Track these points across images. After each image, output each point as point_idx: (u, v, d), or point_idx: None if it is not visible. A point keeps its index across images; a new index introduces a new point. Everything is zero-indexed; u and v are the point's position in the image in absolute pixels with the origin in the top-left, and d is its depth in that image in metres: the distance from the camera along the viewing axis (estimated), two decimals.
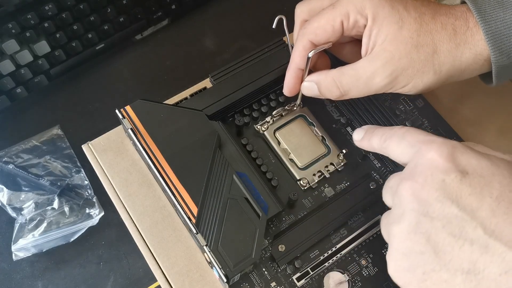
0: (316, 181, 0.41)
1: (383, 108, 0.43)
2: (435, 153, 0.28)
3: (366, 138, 0.35)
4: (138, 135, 0.39)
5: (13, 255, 0.51)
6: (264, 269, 0.38)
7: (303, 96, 0.41)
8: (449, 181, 0.27)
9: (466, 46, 0.35)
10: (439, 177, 0.27)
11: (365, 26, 0.35)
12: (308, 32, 0.36)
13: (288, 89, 0.40)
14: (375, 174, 0.42)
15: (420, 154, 0.29)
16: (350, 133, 0.43)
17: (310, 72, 0.38)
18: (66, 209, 0.53)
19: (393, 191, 0.31)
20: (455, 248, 0.26)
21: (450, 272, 0.27)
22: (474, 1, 0.35)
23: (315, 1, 0.38)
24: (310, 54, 0.36)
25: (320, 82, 0.37)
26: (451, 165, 0.27)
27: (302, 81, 0.39)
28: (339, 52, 0.41)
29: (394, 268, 0.29)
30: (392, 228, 0.29)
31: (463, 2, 0.37)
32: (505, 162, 0.29)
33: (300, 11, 0.39)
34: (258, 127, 0.42)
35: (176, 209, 0.38)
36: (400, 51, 0.35)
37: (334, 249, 0.38)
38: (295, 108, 0.43)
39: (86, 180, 0.54)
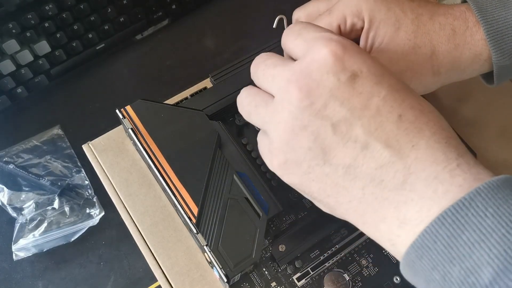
0: None
1: None
2: (329, 52, 0.27)
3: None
4: (139, 135, 0.39)
5: (14, 255, 0.51)
6: (264, 269, 0.38)
7: None
8: (341, 82, 0.27)
9: (466, 46, 0.35)
10: (331, 77, 0.27)
11: (362, 28, 0.35)
12: None
13: None
14: None
15: (313, 52, 0.28)
16: None
17: None
18: (67, 209, 0.53)
19: (279, 82, 0.29)
20: (339, 145, 0.27)
21: (332, 167, 0.28)
22: (475, 1, 0.35)
23: (311, 6, 0.38)
24: None
25: None
26: (344, 66, 0.27)
27: None
28: None
29: (281, 160, 0.30)
30: (277, 119, 0.29)
31: (464, 2, 0.37)
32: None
33: (297, 17, 0.39)
34: None
35: (177, 209, 0.38)
36: (397, 53, 0.35)
37: (334, 249, 0.38)
38: None
39: (87, 180, 0.54)
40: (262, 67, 0.31)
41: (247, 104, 0.32)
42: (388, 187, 0.27)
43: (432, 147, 0.26)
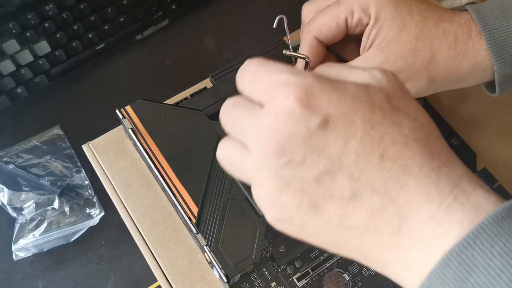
0: None
1: None
2: (291, 102, 0.25)
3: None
4: (138, 135, 0.39)
5: (14, 255, 0.51)
6: (264, 269, 0.38)
7: None
8: (313, 132, 0.25)
9: (466, 56, 0.35)
10: (301, 129, 0.25)
11: (367, 24, 0.36)
12: (313, 28, 0.36)
13: None
14: None
15: (276, 103, 0.26)
16: None
17: None
18: (67, 209, 0.53)
19: (250, 138, 0.28)
20: (326, 198, 0.26)
21: (325, 220, 0.27)
22: (476, 10, 0.35)
23: (321, 0, 0.38)
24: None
25: None
26: (312, 112, 0.25)
27: None
28: (344, 51, 0.41)
29: (273, 217, 0.28)
30: (258, 177, 0.28)
31: (465, 10, 0.37)
32: (365, 88, 0.27)
33: (307, 11, 0.39)
34: None
35: (177, 209, 0.38)
36: (396, 54, 0.34)
37: None
38: None
39: (87, 180, 0.54)
40: (231, 121, 0.29)
41: (226, 163, 0.30)
42: (384, 233, 0.25)
43: (422, 183, 0.25)
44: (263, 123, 0.27)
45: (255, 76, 0.28)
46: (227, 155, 0.30)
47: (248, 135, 0.28)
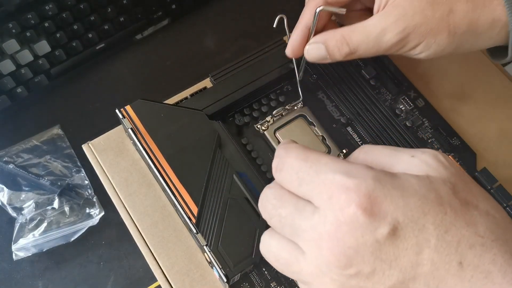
0: None
1: (383, 108, 0.43)
2: (355, 211, 0.23)
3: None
4: (138, 135, 0.39)
5: (14, 254, 0.51)
6: (264, 269, 0.38)
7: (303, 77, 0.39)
8: (381, 242, 0.23)
9: (484, 9, 0.33)
10: (369, 240, 0.23)
11: None
12: None
13: (292, 48, 0.37)
14: None
15: (335, 210, 0.24)
16: (351, 133, 0.43)
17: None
18: (66, 209, 0.53)
19: (306, 241, 0.25)
20: None
21: None
22: None
23: None
24: (319, 9, 0.34)
25: (328, 41, 0.34)
26: (378, 220, 0.23)
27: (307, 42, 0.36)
28: (349, 22, 0.39)
29: None
30: (318, 282, 0.26)
31: None
32: (428, 182, 0.25)
33: None
34: (258, 126, 0.42)
35: (176, 209, 0.38)
36: (414, 7, 0.33)
37: None
38: (299, 79, 0.41)
39: (86, 180, 0.54)
40: (277, 218, 0.27)
41: (275, 261, 0.28)
42: None
43: None
44: (322, 230, 0.24)
45: (300, 176, 0.26)
46: (276, 253, 0.28)
47: (302, 238, 0.26)
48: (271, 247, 0.28)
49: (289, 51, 0.38)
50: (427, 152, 0.26)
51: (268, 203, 0.28)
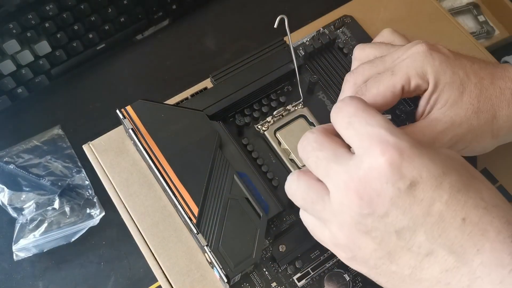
0: None
1: None
2: (386, 162, 0.27)
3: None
4: (139, 135, 0.39)
5: (14, 255, 0.51)
6: (264, 269, 0.38)
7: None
8: (401, 191, 0.27)
9: None
10: (391, 187, 0.27)
11: (425, 90, 0.35)
12: (367, 99, 0.35)
13: None
14: None
15: (369, 158, 0.28)
16: None
17: None
18: (67, 209, 0.53)
19: (335, 182, 0.29)
20: (404, 249, 0.28)
21: (398, 266, 0.29)
22: None
23: (367, 68, 0.37)
24: None
25: None
26: (402, 174, 0.27)
27: None
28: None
29: (348, 256, 0.31)
30: (338, 220, 0.29)
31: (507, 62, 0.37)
32: (452, 155, 0.29)
33: (357, 55, 0.39)
34: (259, 127, 0.42)
35: (177, 209, 0.38)
36: (460, 116, 0.34)
37: None
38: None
39: (87, 180, 0.54)
40: (313, 158, 0.31)
41: (301, 199, 0.31)
42: None
43: (497, 249, 0.26)
44: (353, 173, 0.28)
45: (351, 120, 0.30)
46: (303, 192, 0.31)
47: (333, 179, 0.29)
48: (299, 186, 0.31)
49: None
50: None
51: (309, 144, 0.31)
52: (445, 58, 0.35)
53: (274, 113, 0.42)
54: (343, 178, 0.28)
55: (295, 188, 0.32)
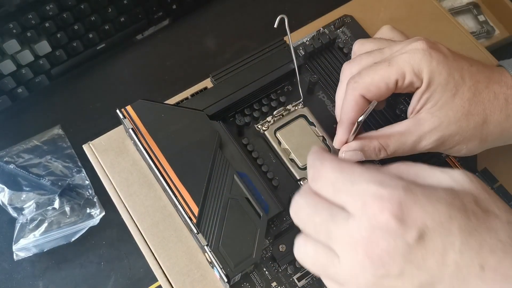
0: None
1: (384, 108, 0.43)
2: (387, 217, 0.25)
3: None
4: (139, 135, 0.39)
5: (14, 255, 0.51)
6: (265, 269, 0.38)
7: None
8: (411, 245, 0.25)
9: None
10: (400, 243, 0.26)
11: (418, 87, 0.35)
12: (361, 87, 0.35)
13: (339, 143, 0.38)
14: None
15: (369, 216, 0.26)
16: None
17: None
18: (67, 209, 0.53)
19: (340, 245, 0.27)
20: None
21: None
22: None
23: (365, 58, 0.37)
24: (360, 119, 0.34)
25: (365, 148, 0.36)
26: (409, 226, 0.25)
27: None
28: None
29: None
30: (353, 284, 0.28)
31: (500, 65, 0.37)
32: (454, 192, 0.27)
33: (348, 70, 0.38)
34: (259, 127, 0.42)
35: (177, 209, 0.38)
36: (449, 118, 0.34)
37: None
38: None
39: (87, 180, 0.54)
40: (311, 225, 0.29)
41: (312, 265, 0.30)
42: None
43: None
44: (357, 235, 0.26)
45: (336, 186, 0.28)
46: (311, 258, 0.29)
47: (338, 242, 0.28)
48: (307, 253, 0.30)
49: (337, 144, 0.38)
50: (456, 171, 0.28)
51: (302, 211, 0.29)
52: (443, 58, 0.34)
53: (274, 113, 0.42)
54: (348, 241, 0.27)
55: (303, 254, 0.30)
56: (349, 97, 0.36)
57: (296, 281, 0.37)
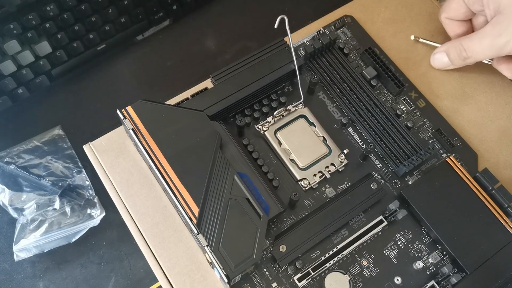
0: (317, 181, 0.41)
1: (385, 109, 0.43)
2: None
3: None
4: (139, 136, 0.39)
5: (15, 255, 0.51)
6: (265, 270, 0.38)
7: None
8: None
9: None
10: None
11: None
12: (442, 10, 0.45)
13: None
14: (376, 175, 0.42)
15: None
16: (351, 133, 0.43)
17: None
18: (68, 209, 0.53)
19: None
20: None
21: None
22: None
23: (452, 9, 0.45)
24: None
25: (449, 49, 0.44)
26: None
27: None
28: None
29: None
30: None
31: None
32: None
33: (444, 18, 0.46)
34: (259, 127, 0.42)
35: (177, 210, 0.38)
36: None
37: (335, 249, 0.38)
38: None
39: (88, 181, 0.54)
40: None
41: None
42: None
43: None
44: None
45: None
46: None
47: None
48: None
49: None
50: None
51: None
52: None
53: (275, 113, 0.42)
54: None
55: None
56: (441, 19, 0.46)
57: (296, 281, 0.37)
